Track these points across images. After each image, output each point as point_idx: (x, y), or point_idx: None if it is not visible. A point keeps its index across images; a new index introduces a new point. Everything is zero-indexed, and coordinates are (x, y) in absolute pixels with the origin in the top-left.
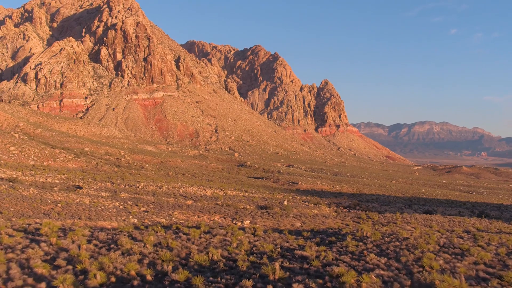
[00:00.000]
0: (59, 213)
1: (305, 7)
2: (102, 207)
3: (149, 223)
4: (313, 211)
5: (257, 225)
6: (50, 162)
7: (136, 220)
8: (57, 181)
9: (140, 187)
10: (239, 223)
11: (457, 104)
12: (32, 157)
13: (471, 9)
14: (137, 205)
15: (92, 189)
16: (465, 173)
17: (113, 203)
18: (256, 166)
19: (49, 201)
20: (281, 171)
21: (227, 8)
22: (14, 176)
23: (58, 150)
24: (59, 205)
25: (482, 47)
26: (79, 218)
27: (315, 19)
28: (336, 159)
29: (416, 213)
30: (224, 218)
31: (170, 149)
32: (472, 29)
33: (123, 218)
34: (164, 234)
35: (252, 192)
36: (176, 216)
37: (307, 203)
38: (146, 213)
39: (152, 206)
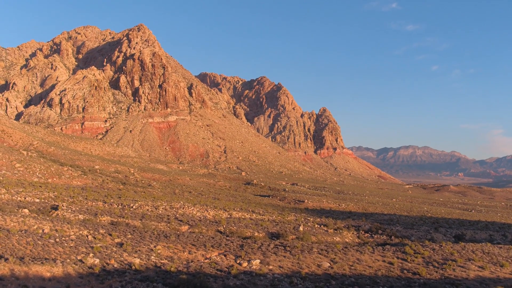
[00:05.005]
0: None
1: (307, 49)
2: (58, 239)
3: (116, 266)
4: (334, 238)
5: (271, 267)
6: (55, 179)
7: (97, 261)
8: (37, 200)
9: (134, 207)
10: (245, 264)
11: (437, 131)
12: (37, 174)
13: (451, 48)
14: (110, 235)
15: (70, 210)
16: (453, 191)
17: (80, 232)
18: (262, 184)
19: None
20: (287, 189)
21: (237, 44)
22: None
23: (66, 168)
24: None
25: (460, 81)
26: (6, 259)
27: (315, 57)
28: (335, 178)
29: (451, 239)
30: (225, 255)
31: (180, 168)
32: (451, 66)
33: (79, 257)
34: None
35: (260, 212)
36: (159, 251)
37: (325, 228)
38: (117, 248)
39: (130, 236)
